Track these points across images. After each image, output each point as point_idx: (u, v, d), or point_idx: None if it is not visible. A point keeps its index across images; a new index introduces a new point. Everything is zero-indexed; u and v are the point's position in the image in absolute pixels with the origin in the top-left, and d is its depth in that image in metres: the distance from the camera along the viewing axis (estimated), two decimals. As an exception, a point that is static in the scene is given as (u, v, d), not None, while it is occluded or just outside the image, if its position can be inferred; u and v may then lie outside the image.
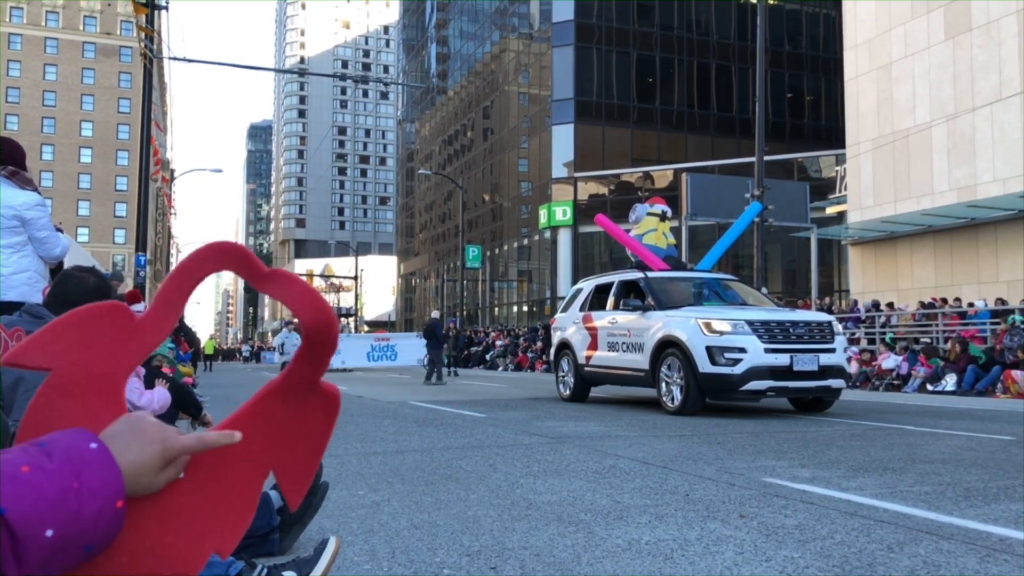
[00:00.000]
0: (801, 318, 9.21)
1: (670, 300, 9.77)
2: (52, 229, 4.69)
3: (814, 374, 8.68)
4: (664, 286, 10.16)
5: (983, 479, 4.57)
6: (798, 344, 8.72)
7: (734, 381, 8.49)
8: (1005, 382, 13.61)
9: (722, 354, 8.53)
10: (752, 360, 8.46)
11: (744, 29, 43.15)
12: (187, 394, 4.45)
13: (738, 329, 8.62)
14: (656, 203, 12.10)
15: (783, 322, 8.86)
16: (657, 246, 11.55)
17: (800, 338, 8.78)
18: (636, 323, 9.83)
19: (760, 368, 8.46)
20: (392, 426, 7.92)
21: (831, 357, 8.81)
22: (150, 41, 17.03)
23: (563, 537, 3.18)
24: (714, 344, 8.58)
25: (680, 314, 9.16)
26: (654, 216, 11.79)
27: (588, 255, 42.20)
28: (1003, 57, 20.21)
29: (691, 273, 11.27)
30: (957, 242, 21.69)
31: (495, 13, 53.18)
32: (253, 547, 2.82)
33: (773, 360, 8.51)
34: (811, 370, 8.64)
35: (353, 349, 26.51)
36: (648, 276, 10.37)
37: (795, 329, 8.84)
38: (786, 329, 8.79)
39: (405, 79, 74.78)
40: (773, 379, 8.53)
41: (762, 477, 4.62)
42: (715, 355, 8.54)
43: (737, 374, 8.47)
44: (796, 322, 8.97)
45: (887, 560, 2.82)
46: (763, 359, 8.48)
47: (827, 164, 35.94)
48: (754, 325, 8.65)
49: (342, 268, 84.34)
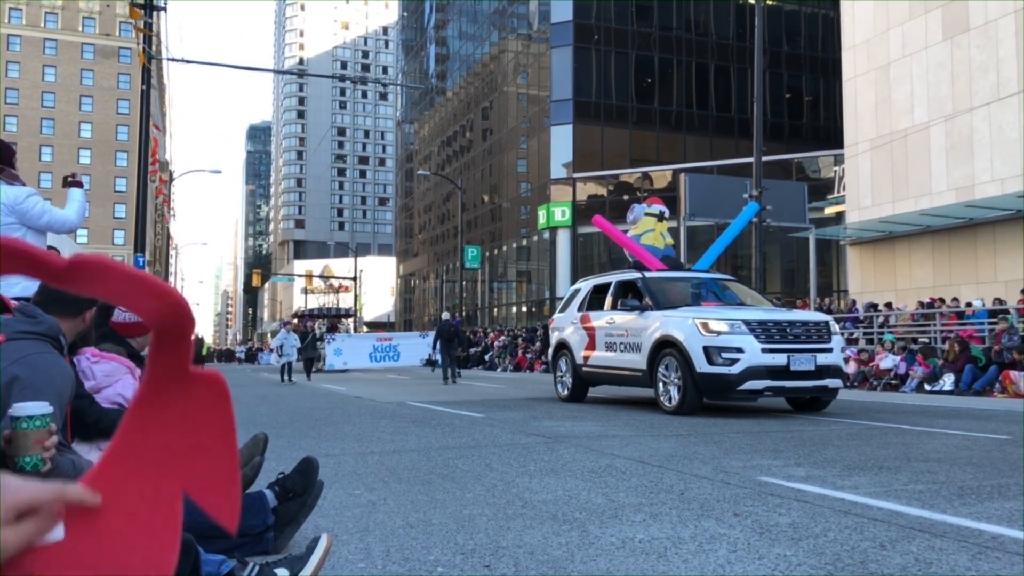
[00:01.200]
0: (798, 318, 9.22)
1: (668, 300, 9.77)
2: (49, 210, 4.69)
3: (811, 374, 8.69)
4: (662, 286, 10.16)
5: (978, 478, 4.58)
6: (795, 344, 8.73)
7: (731, 381, 8.50)
8: (1003, 382, 13.63)
9: (719, 354, 8.53)
10: (749, 360, 8.47)
11: (742, 30, 43.17)
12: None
13: (735, 329, 8.63)
14: (654, 203, 12.09)
15: (780, 322, 8.87)
16: (655, 246, 11.54)
17: (797, 338, 8.80)
18: (634, 323, 9.84)
19: (757, 368, 8.47)
20: (389, 426, 7.94)
21: (828, 357, 8.82)
22: (148, 43, 17.04)
23: (557, 536, 3.19)
24: (711, 344, 8.58)
25: (677, 314, 9.17)
26: (652, 216, 11.78)
27: (587, 256, 42.21)
28: (1001, 57, 20.23)
29: (689, 273, 11.26)
30: (955, 242, 21.70)
31: (494, 14, 53.19)
32: (248, 546, 2.83)
33: (770, 360, 8.52)
34: (808, 370, 8.66)
35: (355, 349, 26.19)
36: (646, 276, 10.36)
37: (792, 329, 8.85)
38: (783, 329, 8.80)
39: (404, 80, 74.78)
40: (770, 379, 8.54)
41: (757, 476, 4.63)
42: (712, 355, 8.54)
43: (734, 374, 8.47)
44: (793, 322, 8.98)
45: (879, 558, 2.83)
46: (760, 359, 8.49)
47: (825, 164, 35.97)
48: (751, 325, 8.66)
49: (341, 269, 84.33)
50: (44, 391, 2.12)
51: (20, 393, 2.08)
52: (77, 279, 0.82)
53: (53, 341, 2.29)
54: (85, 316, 2.66)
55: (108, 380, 3.25)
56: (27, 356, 2.14)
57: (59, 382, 2.19)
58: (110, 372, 3.27)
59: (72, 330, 2.59)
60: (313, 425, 8.17)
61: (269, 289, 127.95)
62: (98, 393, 3.23)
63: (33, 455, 1.89)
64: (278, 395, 14.45)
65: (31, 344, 2.19)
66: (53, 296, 2.56)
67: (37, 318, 2.32)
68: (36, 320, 2.30)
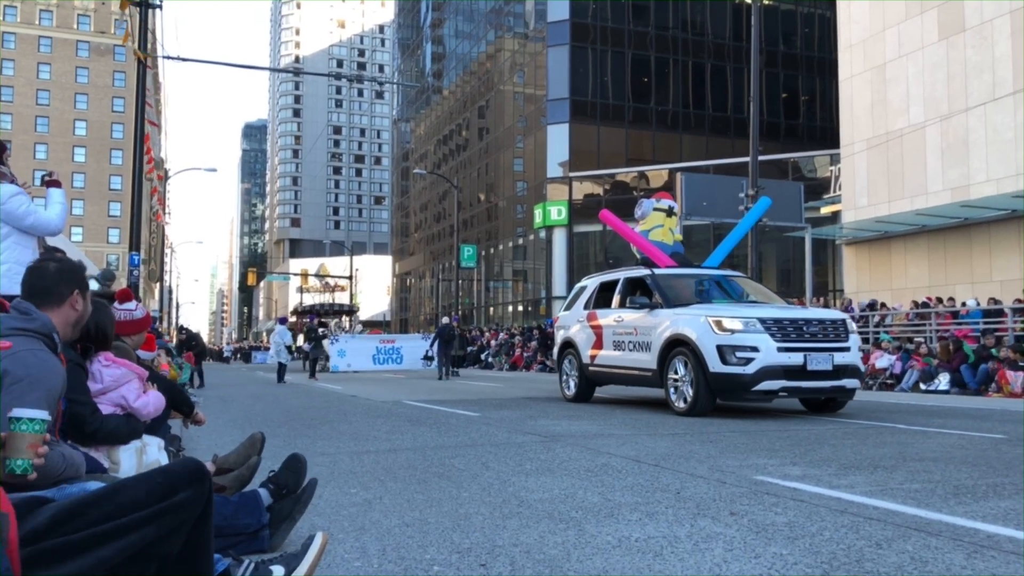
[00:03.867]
0: (815, 316, 8.94)
1: (678, 297, 9.45)
2: (34, 211, 4.67)
3: (828, 374, 8.39)
4: (671, 283, 9.81)
5: (973, 477, 4.59)
6: (812, 343, 8.44)
7: (746, 381, 8.19)
8: (999, 381, 13.67)
9: (733, 353, 8.22)
10: (765, 359, 8.16)
11: (739, 29, 43.23)
12: (178, 393, 4.46)
13: (750, 327, 8.33)
14: (663, 198, 11.74)
15: (796, 320, 8.60)
16: (664, 242, 11.18)
17: (814, 336, 8.52)
18: (643, 321, 9.52)
19: (773, 368, 8.17)
20: (385, 425, 7.93)
21: (845, 356, 8.52)
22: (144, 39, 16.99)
23: (553, 534, 3.19)
24: (725, 343, 8.28)
25: (689, 312, 8.88)
26: (660, 211, 11.39)
27: (583, 255, 42.23)
28: (996, 57, 20.28)
29: (699, 270, 10.87)
30: (951, 242, 21.74)
31: (490, 12, 53.16)
32: (244, 544, 2.82)
33: (786, 359, 8.21)
34: (825, 370, 8.35)
35: (358, 351, 25.53)
36: (655, 273, 10.03)
37: (808, 327, 8.57)
38: (799, 327, 8.52)
39: (400, 78, 74.71)
40: (786, 379, 8.23)
41: (753, 475, 4.63)
42: (726, 354, 8.23)
43: (749, 374, 8.16)
44: (809, 320, 8.71)
45: (875, 556, 2.83)
46: (776, 358, 8.18)
47: (821, 164, 36.02)
48: (766, 323, 8.36)
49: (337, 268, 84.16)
50: (32, 387, 2.12)
51: (8, 389, 2.07)
52: None
53: (46, 338, 2.28)
54: (73, 303, 2.60)
55: (115, 384, 3.27)
56: (17, 352, 2.13)
57: (48, 379, 2.18)
58: (118, 377, 3.29)
59: (64, 321, 2.55)
60: (309, 424, 8.16)
61: (264, 288, 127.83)
62: (103, 395, 3.24)
63: (25, 459, 1.90)
64: (273, 394, 14.43)
65: (22, 340, 2.19)
66: (30, 286, 2.54)
67: (31, 315, 2.31)
68: (30, 317, 2.30)
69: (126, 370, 3.33)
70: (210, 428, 7.56)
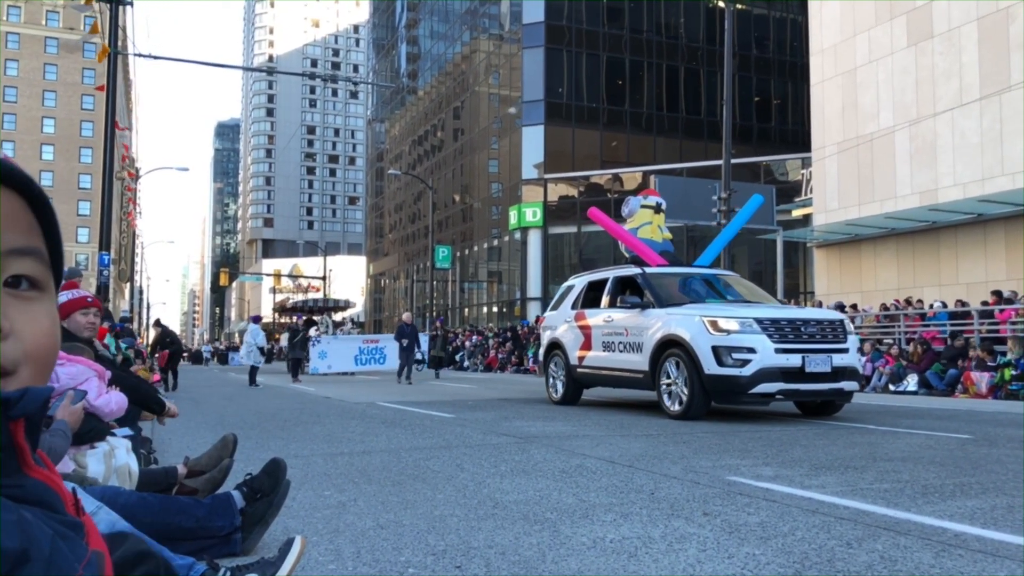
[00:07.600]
0: (812, 316, 8.72)
1: (670, 297, 9.22)
2: None
3: (827, 376, 8.16)
4: (663, 282, 9.56)
5: (940, 476, 4.66)
6: (810, 344, 8.20)
7: (743, 383, 7.95)
8: (964, 383, 13.90)
9: (730, 354, 7.98)
10: (762, 361, 7.93)
11: (713, 33, 43.57)
12: (145, 392, 4.36)
13: (746, 328, 8.09)
14: (650, 195, 11.56)
15: (794, 320, 8.36)
16: (653, 240, 10.99)
17: (812, 337, 8.27)
18: (634, 321, 9.27)
19: (771, 369, 7.93)
20: (359, 427, 7.88)
21: (844, 358, 8.31)
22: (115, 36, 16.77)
23: (528, 536, 3.19)
24: (721, 344, 8.04)
25: (682, 312, 8.64)
26: (648, 209, 11.19)
27: (558, 256, 42.32)
28: (964, 64, 20.63)
29: (691, 268, 10.67)
30: (919, 245, 22.08)
31: (466, 14, 53.11)
32: (216, 547, 2.79)
33: (784, 361, 7.98)
34: (824, 371, 8.12)
35: (340, 352, 24.74)
36: (645, 272, 9.75)
37: (806, 328, 8.32)
38: (797, 328, 8.26)
39: (375, 79, 74.38)
40: (784, 381, 7.99)
41: (726, 476, 4.67)
42: (722, 355, 7.99)
43: (746, 376, 7.93)
44: (807, 320, 8.45)
45: (846, 556, 2.87)
46: (774, 360, 7.95)
47: (793, 167, 36.42)
48: (763, 323, 8.13)
49: (310, 268, 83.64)
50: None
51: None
52: None
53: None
54: None
55: (73, 383, 3.20)
56: None
57: None
58: (75, 375, 3.21)
59: None
60: (282, 426, 8.09)
61: (237, 288, 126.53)
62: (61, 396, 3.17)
63: None
64: (246, 396, 14.29)
65: None
66: None
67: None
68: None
69: (83, 367, 3.26)
70: (182, 430, 7.47)
